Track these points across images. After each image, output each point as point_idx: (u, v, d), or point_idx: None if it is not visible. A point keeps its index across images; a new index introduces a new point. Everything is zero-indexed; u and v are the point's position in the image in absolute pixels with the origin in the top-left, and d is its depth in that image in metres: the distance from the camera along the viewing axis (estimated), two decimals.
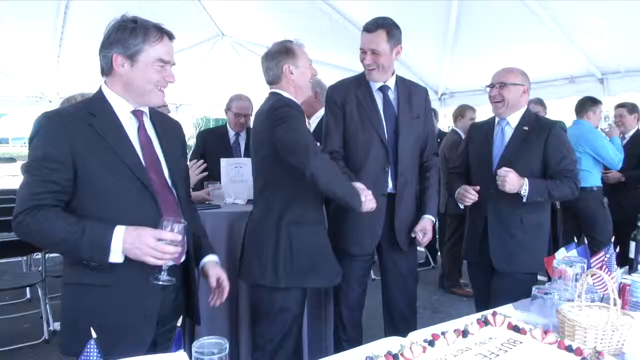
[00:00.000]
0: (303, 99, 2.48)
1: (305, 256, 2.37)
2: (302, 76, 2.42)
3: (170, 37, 1.71)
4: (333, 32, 6.05)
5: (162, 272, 1.62)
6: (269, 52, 2.45)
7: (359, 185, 2.35)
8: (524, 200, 2.55)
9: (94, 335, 1.07)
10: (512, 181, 2.50)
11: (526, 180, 2.54)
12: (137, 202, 1.65)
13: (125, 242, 1.56)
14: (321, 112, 3.57)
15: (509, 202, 2.60)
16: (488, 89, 2.77)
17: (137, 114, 1.73)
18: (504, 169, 2.53)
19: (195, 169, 3.11)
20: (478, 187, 2.66)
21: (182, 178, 1.86)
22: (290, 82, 2.41)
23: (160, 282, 1.63)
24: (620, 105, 4.78)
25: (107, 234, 1.56)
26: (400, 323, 2.74)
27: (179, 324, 1.20)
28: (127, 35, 1.62)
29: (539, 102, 4.88)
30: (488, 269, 2.72)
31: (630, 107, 4.74)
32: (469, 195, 2.66)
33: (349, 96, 2.69)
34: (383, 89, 2.71)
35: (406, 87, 2.77)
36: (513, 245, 2.66)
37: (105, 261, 1.57)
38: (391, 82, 2.73)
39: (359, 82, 2.73)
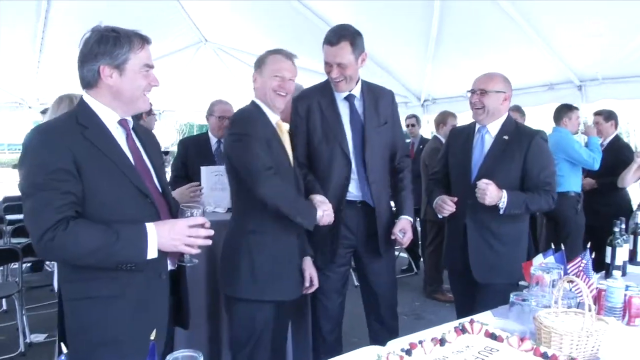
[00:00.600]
0: (275, 110, 2.42)
1: (263, 267, 2.34)
2: (262, 84, 2.38)
3: (149, 42, 1.74)
4: (318, 39, 6.05)
5: (186, 255, 1.74)
6: None
7: (318, 199, 2.39)
8: (501, 212, 2.54)
9: (64, 350, 1.05)
10: (491, 194, 2.49)
11: (504, 192, 2.53)
12: (139, 211, 1.68)
13: (160, 236, 1.62)
14: None
15: (487, 213, 2.59)
16: (469, 94, 2.74)
17: (123, 123, 1.74)
18: (484, 181, 2.51)
19: (191, 192, 2.99)
20: (455, 199, 2.67)
21: (167, 185, 1.89)
22: (254, 90, 2.43)
23: (185, 263, 1.78)
24: (597, 113, 4.88)
25: (141, 232, 1.60)
26: (383, 331, 2.73)
27: (152, 337, 1.18)
28: (112, 46, 1.64)
29: (517, 109, 4.93)
30: (469, 277, 2.70)
31: (607, 115, 4.83)
32: (446, 206, 2.67)
33: (313, 106, 2.65)
34: (349, 98, 2.66)
35: (372, 92, 2.72)
36: (492, 255, 2.65)
37: (143, 260, 1.61)
38: (357, 90, 2.68)
39: (324, 91, 2.69)
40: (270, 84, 2.35)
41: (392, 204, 2.87)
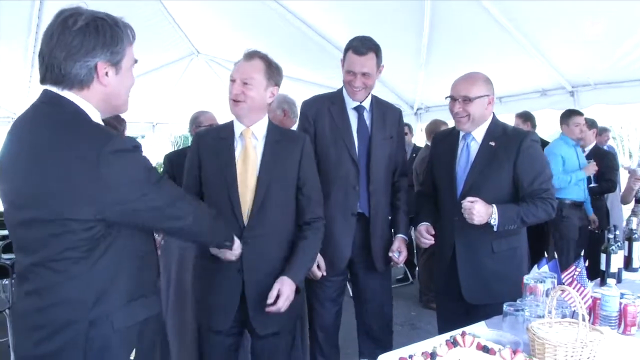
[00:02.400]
0: (239, 118, 2.22)
1: (200, 294, 2.28)
2: None
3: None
4: (309, 49, 6.07)
5: None
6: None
7: None
8: (495, 229, 2.31)
9: None
10: (479, 212, 2.25)
11: (495, 208, 2.29)
12: None
13: None
14: (294, 129, 3.55)
15: (477, 230, 2.34)
16: (449, 101, 2.49)
17: None
18: (469, 199, 2.28)
19: None
20: (433, 232, 2.54)
21: None
22: None
23: None
24: None
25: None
26: (374, 345, 2.70)
27: (132, 357, 1.14)
28: (111, 39, 1.40)
29: (524, 115, 4.99)
30: (458, 298, 2.50)
31: (590, 123, 4.97)
32: (424, 240, 2.54)
33: (322, 112, 2.67)
34: (359, 109, 2.69)
35: (381, 107, 2.76)
36: (485, 275, 2.42)
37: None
38: (367, 102, 2.71)
39: (334, 99, 2.71)
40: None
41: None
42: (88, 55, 1.38)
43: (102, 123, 1.47)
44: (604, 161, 4.73)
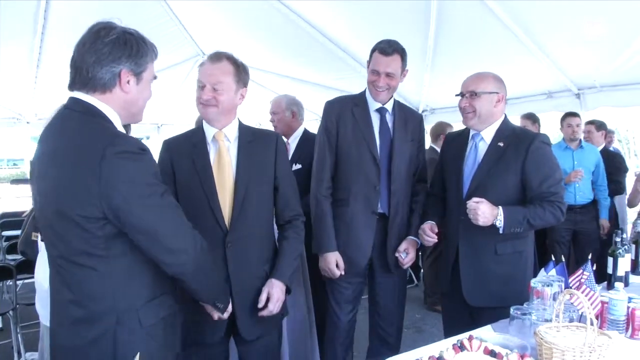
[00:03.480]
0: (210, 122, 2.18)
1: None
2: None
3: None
4: (314, 50, 6.06)
5: None
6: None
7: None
8: (500, 231, 2.26)
9: None
10: (484, 213, 2.21)
11: (501, 209, 2.24)
12: None
13: None
14: (299, 131, 3.57)
15: (481, 231, 2.30)
16: (455, 103, 2.52)
17: None
18: (474, 199, 2.24)
19: None
20: (437, 230, 2.54)
21: None
22: None
23: None
24: (589, 122, 5.01)
25: None
26: (384, 349, 2.72)
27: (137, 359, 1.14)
28: (137, 51, 1.54)
29: (533, 117, 4.98)
30: (460, 300, 2.47)
31: (599, 125, 5.00)
32: (427, 238, 2.54)
33: (345, 113, 2.70)
34: (381, 111, 2.71)
35: (403, 111, 2.79)
36: (487, 278, 2.40)
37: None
38: (389, 105, 2.73)
39: (357, 101, 2.74)
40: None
41: None
42: (114, 62, 1.51)
43: (121, 127, 1.56)
44: (612, 163, 4.71)
